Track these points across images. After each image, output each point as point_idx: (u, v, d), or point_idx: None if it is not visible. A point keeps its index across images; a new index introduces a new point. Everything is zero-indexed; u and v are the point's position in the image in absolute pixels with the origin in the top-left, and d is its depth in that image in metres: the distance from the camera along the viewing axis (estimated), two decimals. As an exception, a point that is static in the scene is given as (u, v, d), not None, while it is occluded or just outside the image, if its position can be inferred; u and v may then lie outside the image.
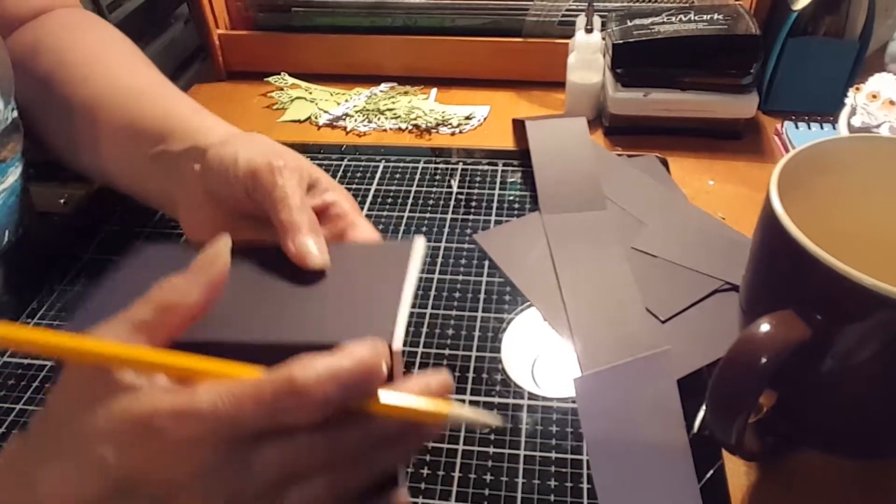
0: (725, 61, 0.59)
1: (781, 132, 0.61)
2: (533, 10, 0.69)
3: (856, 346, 0.29)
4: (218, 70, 0.76)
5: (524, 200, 0.56)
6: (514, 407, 0.40)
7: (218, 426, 0.23)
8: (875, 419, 0.32)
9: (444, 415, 0.25)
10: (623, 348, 0.42)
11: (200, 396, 0.23)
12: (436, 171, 0.60)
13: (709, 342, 0.42)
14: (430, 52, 0.72)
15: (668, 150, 0.60)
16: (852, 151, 0.36)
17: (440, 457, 0.38)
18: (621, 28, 0.61)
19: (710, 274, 0.47)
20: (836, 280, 0.27)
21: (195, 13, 0.74)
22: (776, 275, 0.32)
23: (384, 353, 0.25)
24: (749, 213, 0.53)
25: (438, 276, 0.49)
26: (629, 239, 0.50)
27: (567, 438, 0.38)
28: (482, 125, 0.66)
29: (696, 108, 0.60)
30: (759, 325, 0.28)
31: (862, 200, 0.37)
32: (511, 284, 0.48)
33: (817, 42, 0.61)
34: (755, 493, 0.36)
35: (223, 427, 0.23)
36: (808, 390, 0.32)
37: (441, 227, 0.53)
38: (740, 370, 0.28)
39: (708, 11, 0.61)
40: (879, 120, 0.52)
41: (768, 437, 0.34)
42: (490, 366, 0.43)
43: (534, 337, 0.45)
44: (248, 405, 0.23)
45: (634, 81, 0.61)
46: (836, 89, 0.61)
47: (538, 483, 0.36)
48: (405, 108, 0.68)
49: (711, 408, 0.31)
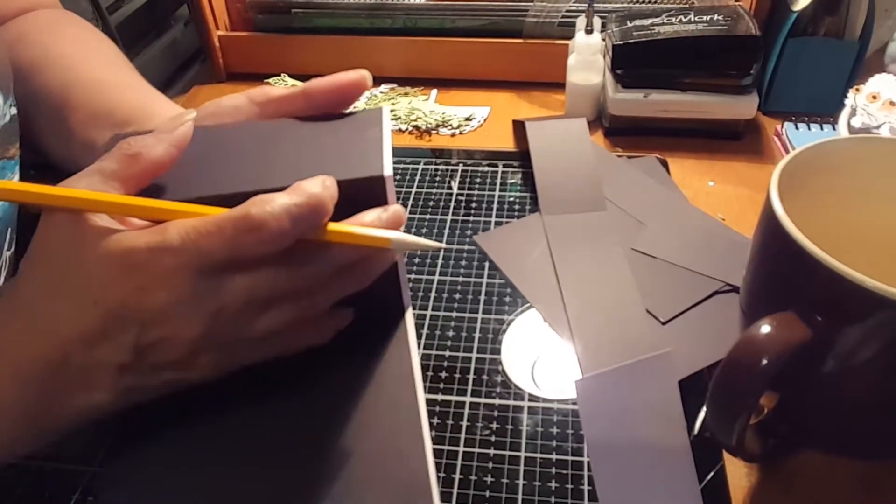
0: (725, 62, 0.59)
1: (781, 133, 0.61)
2: (533, 12, 0.69)
3: (857, 348, 0.28)
4: (218, 72, 0.76)
5: (524, 201, 0.56)
6: (515, 408, 0.40)
7: (188, 258, 0.26)
8: (876, 420, 0.32)
9: (387, 240, 0.29)
10: (624, 350, 0.42)
11: (170, 232, 0.26)
12: (436, 172, 0.60)
13: (709, 344, 0.42)
14: (431, 53, 0.72)
15: (669, 151, 0.60)
16: (852, 152, 0.36)
17: (441, 458, 0.37)
18: (621, 29, 0.61)
19: (711, 275, 0.47)
20: (836, 281, 0.27)
21: (195, 15, 0.74)
22: (777, 276, 0.32)
23: (333, 188, 0.28)
24: (749, 214, 0.53)
25: (438, 278, 0.49)
26: (629, 240, 0.50)
27: (568, 440, 0.38)
28: (482, 126, 0.66)
29: (696, 109, 0.60)
30: (759, 326, 0.28)
31: (862, 201, 0.37)
32: (511, 286, 0.48)
33: (817, 43, 0.61)
34: (756, 495, 0.36)
35: (193, 258, 0.26)
36: (809, 392, 0.32)
37: (441, 229, 0.53)
38: (741, 372, 0.28)
39: (708, 12, 0.61)
40: (879, 121, 0.52)
41: (769, 438, 0.34)
42: (490, 367, 0.43)
43: (534, 338, 0.44)
44: (212, 238, 0.26)
45: (634, 82, 0.61)
46: (836, 90, 0.61)
47: (539, 485, 0.36)
48: (405, 110, 0.68)
49: (712, 409, 0.30)
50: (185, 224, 0.27)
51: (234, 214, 0.27)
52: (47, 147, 0.48)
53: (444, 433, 0.39)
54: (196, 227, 0.27)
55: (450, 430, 0.39)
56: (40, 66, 0.47)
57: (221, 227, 0.27)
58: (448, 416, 0.40)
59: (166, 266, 0.26)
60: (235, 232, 0.26)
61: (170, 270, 0.26)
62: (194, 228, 0.27)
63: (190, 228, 0.27)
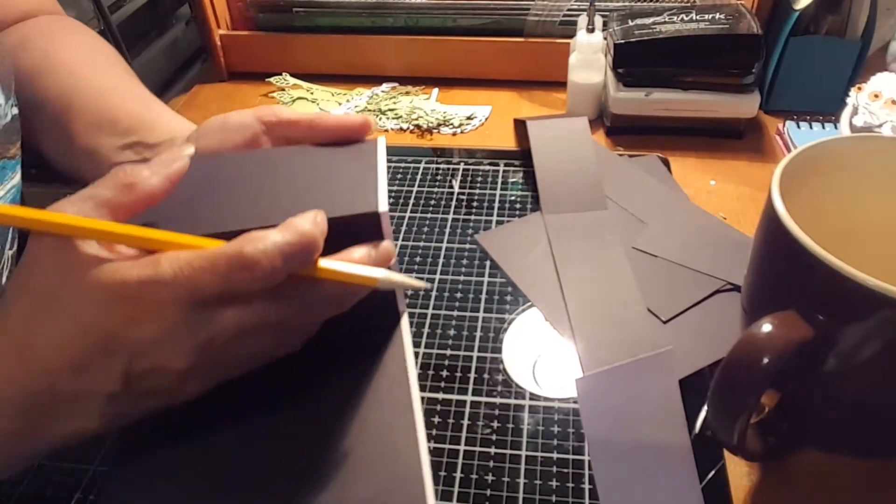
0: (727, 61, 0.59)
1: (783, 132, 0.61)
2: (534, 10, 0.69)
3: (858, 347, 0.28)
4: (219, 70, 0.76)
5: (525, 200, 0.56)
6: (516, 407, 0.40)
7: (181, 292, 0.26)
8: (877, 419, 0.32)
9: (374, 279, 0.30)
10: (625, 348, 0.42)
11: (163, 266, 0.26)
12: (437, 171, 0.60)
13: (710, 342, 0.42)
14: (432, 52, 0.72)
15: (670, 150, 0.60)
16: (854, 151, 0.36)
17: (441, 457, 0.38)
18: (623, 28, 0.61)
19: (712, 274, 0.47)
20: (838, 280, 0.27)
21: (197, 14, 0.74)
22: (778, 275, 0.32)
23: (323, 224, 0.29)
24: (750, 213, 0.53)
25: (440, 277, 0.49)
26: (630, 239, 0.50)
27: (568, 439, 0.38)
28: (483, 125, 0.66)
29: (698, 108, 0.60)
30: (760, 325, 0.28)
31: (864, 200, 0.37)
32: (512, 284, 0.48)
33: (819, 41, 0.61)
34: (757, 494, 0.36)
35: (185, 292, 0.26)
36: (810, 390, 0.32)
37: (442, 228, 0.53)
38: (742, 370, 0.28)
39: (709, 11, 0.60)
40: (881, 119, 0.52)
41: (770, 437, 0.34)
42: (491, 366, 0.43)
43: (535, 337, 0.44)
44: (205, 274, 0.26)
45: (636, 81, 0.61)
46: (837, 89, 0.61)
47: (540, 483, 0.36)
48: (407, 109, 0.68)
49: (713, 408, 0.30)
50: (178, 258, 0.27)
51: (227, 251, 0.27)
52: (47, 151, 0.48)
53: (446, 432, 0.39)
54: (189, 261, 0.27)
55: (451, 429, 0.39)
56: (42, 70, 0.47)
57: (215, 263, 0.27)
58: (449, 414, 0.40)
59: (158, 299, 0.26)
60: (229, 268, 0.27)
61: (161, 303, 0.26)
62: (188, 263, 0.27)
63: (183, 263, 0.27)
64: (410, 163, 0.61)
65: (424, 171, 0.60)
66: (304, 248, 0.28)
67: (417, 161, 0.61)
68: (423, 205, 0.56)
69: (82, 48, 0.51)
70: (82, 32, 0.53)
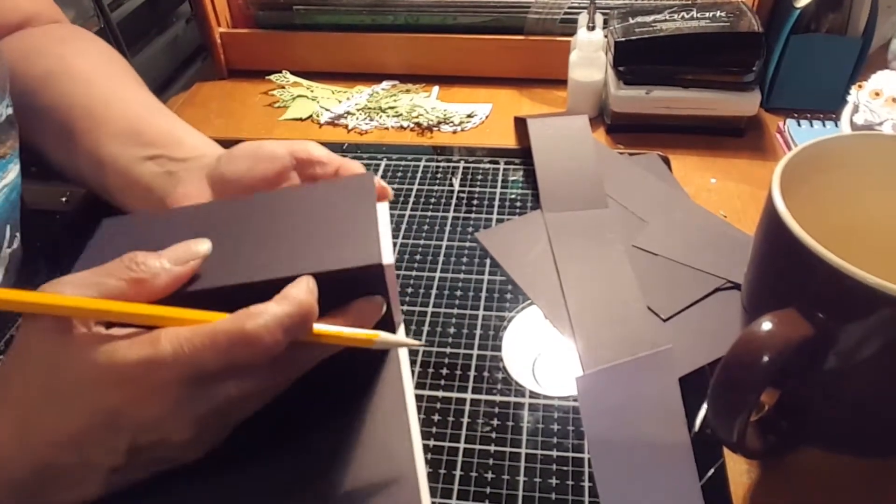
0: (728, 59, 0.58)
1: (784, 130, 0.61)
2: (535, 8, 0.68)
3: (858, 345, 0.28)
4: (219, 68, 0.76)
5: (526, 199, 0.56)
6: (516, 405, 0.40)
7: (182, 370, 0.26)
8: (877, 417, 0.31)
9: (371, 340, 0.31)
10: (624, 347, 0.42)
11: (163, 344, 0.26)
12: (437, 169, 0.60)
13: (711, 340, 0.42)
14: (432, 49, 0.72)
15: (670, 148, 0.60)
16: (855, 149, 0.36)
17: (441, 455, 0.38)
18: (623, 25, 0.60)
19: (712, 272, 0.47)
20: (838, 278, 0.27)
21: (197, 12, 0.73)
22: (778, 273, 0.32)
23: (315, 289, 0.29)
24: (751, 211, 0.53)
25: (440, 275, 0.49)
26: (631, 237, 0.50)
27: (568, 437, 0.38)
28: (484, 123, 0.66)
29: (699, 106, 0.60)
30: (760, 323, 0.28)
31: (865, 198, 0.37)
32: (512, 283, 0.48)
33: (820, 39, 0.61)
34: (757, 492, 0.36)
35: (185, 370, 0.27)
36: (810, 388, 0.32)
37: (442, 226, 0.53)
38: (742, 368, 0.28)
39: (710, 9, 0.60)
40: (882, 117, 0.52)
41: (770, 435, 0.34)
42: (491, 364, 0.43)
43: (535, 335, 0.44)
44: (206, 351, 0.26)
45: (636, 79, 0.60)
46: (838, 87, 0.61)
47: (539, 481, 0.36)
48: (407, 106, 0.68)
49: (713, 406, 0.30)
50: (177, 335, 0.27)
51: (228, 328, 0.27)
52: (52, 153, 0.48)
53: (445, 430, 0.39)
54: (189, 338, 0.27)
55: (451, 427, 0.39)
56: (58, 76, 0.47)
57: (215, 339, 0.27)
58: (449, 412, 0.40)
59: (159, 379, 0.26)
60: (230, 345, 0.27)
61: (163, 383, 0.26)
62: (188, 340, 0.26)
63: (183, 340, 0.26)
64: (410, 161, 0.61)
65: (425, 169, 0.60)
66: (303, 318, 0.28)
67: (418, 159, 0.61)
68: (424, 203, 0.56)
69: (99, 58, 0.51)
70: (96, 42, 0.54)
